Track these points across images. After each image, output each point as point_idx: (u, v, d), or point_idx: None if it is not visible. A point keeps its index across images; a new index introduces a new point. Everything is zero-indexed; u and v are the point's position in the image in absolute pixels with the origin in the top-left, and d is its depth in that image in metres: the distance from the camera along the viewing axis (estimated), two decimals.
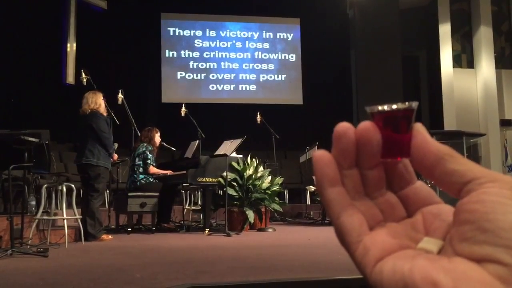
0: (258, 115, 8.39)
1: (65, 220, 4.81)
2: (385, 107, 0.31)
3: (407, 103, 0.31)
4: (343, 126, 0.31)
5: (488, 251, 0.27)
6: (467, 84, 10.56)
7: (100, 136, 5.32)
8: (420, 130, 0.32)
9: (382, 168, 0.33)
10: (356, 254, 0.31)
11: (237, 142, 6.05)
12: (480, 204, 0.28)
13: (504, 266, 0.26)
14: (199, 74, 12.33)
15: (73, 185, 5.04)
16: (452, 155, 0.31)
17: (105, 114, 5.55)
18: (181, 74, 12.24)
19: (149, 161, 6.43)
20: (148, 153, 6.46)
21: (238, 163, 6.36)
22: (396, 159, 0.32)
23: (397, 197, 0.34)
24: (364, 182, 0.33)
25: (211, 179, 6.01)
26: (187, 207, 7.26)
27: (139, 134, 6.79)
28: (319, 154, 0.32)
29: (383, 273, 0.29)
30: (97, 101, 5.44)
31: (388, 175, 0.34)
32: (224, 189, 5.92)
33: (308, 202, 8.93)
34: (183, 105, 6.95)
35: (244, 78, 12.54)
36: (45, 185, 5.08)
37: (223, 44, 12.57)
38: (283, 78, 12.69)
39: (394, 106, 0.31)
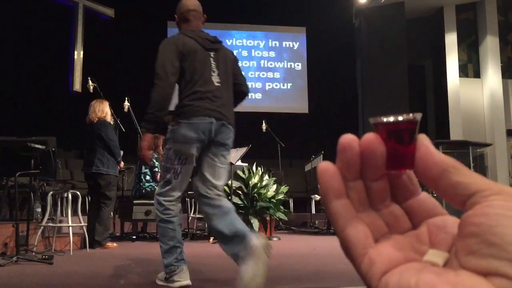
0: (264, 124, 8.39)
1: (70, 227, 4.83)
2: (389, 119, 0.31)
3: (411, 114, 0.31)
4: (347, 138, 0.31)
5: (494, 264, 0.26)
6: (473, 94, 10.53)
7: (109, 144, 5.34)
8: (424, 141, 0.32)
9: (386, 180, 0.33)
10: (361, 267, 0.31)
11: (242, 150, 6.05)
12: (485, 217, 0.28)
13: (511, 280, 0.26)
14: None
15: (78, 193, 5.06)
16: (456, 167, 0.30)
17: (112, 122, 5.57)
18: None
19: (156, 169, 6.44)
20: (154, 160, 6.47)
21: (243, 172, 6.35)
22: (400, 170, 0.32)
23: (402, 209, 0.34)
24: (368, 194, 0.33)
25: None
26: (191, 215, 7.25)
27: None
28: (323, 166, 0.32)
29: (389, 287, 0.29)
30: (104, 110, 5.46)
31: (393, 186, 0.34)
32: (229, 197, 5.91)
33: (313, 211, 8.90)
34: None
35: (249, 86, 12.54)
36: (51, 192, 5.10)
37: None
38: (288, 87, 12.71)
39: (398, 118, 0.31)
